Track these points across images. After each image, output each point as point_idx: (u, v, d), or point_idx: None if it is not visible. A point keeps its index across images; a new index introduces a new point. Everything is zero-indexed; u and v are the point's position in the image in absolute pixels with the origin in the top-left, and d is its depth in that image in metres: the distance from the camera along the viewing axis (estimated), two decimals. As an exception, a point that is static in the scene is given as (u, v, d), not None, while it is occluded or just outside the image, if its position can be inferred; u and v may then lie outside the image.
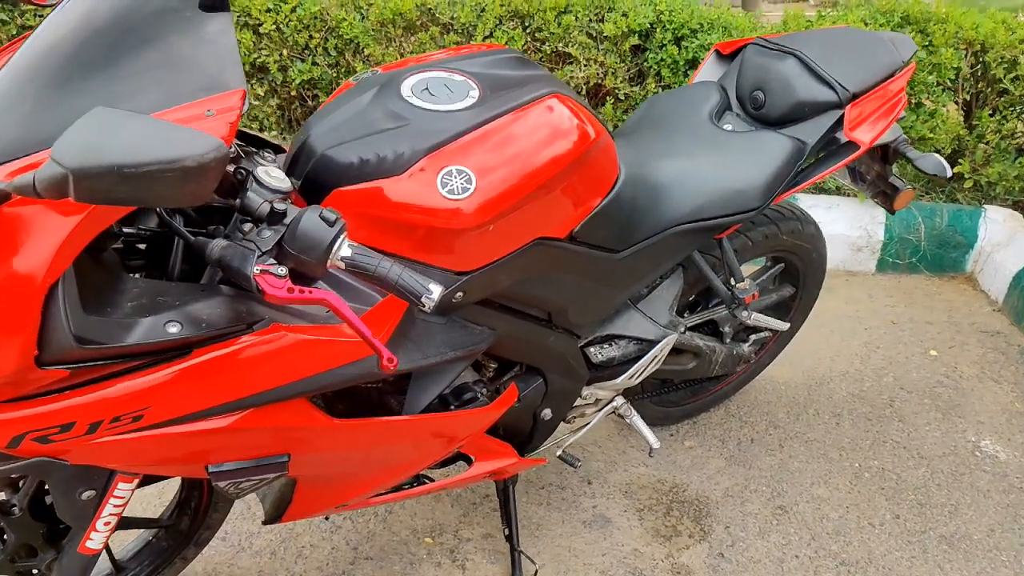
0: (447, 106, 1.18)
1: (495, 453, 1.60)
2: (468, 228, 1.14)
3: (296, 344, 1.01)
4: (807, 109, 1.61)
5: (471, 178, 1.13)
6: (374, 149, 1.12)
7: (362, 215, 1.12)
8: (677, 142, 1.62)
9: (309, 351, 1.02)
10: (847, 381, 2.52)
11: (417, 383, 1.34)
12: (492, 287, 1.30)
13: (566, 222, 1.34)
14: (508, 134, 1.18)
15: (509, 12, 3.05)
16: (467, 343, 1.32)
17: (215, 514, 1.54)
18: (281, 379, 1.02)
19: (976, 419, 2.36)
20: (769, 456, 2.19)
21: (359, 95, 1.22)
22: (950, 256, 3.18)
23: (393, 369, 0.94)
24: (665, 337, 1.73)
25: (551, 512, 1.97)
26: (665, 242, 1.54)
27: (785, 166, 1.58)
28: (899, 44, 1.74)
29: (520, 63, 1.33)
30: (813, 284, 2.15)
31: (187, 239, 0.97)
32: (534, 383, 1.59)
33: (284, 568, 1.77)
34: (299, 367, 1.03)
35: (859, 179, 2.00)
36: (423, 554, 1.83)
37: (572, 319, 1.53)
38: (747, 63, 1.71)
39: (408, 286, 0.93)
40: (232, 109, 0.87)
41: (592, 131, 1.27)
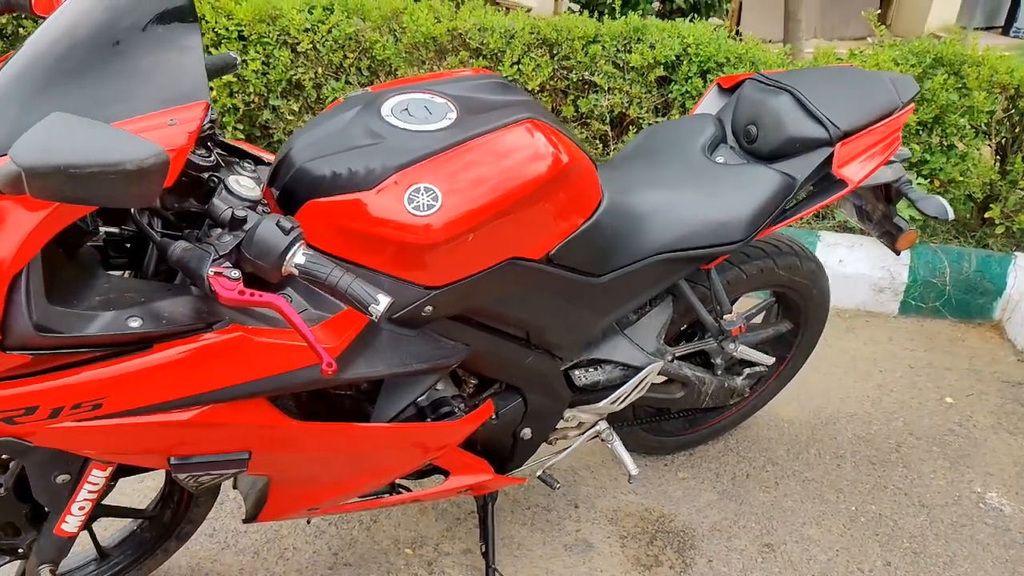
0: (423, 126, 1.23)
1: (470, 468, 1.63)
2: (432, 244, 1.18)
3: (252, 345, 1.05)
4: (798, 145, 1.62)
5: (438, 196, 1.17)
6: (347, 164, 1.17)
7: (334, 227, 1.17)
8: (666, 172, 1.64)
9: (265, 353, 1.07)
10: (854, 423, 2.48)
11: (387, 392, 1.38)
12: (463, 303, 1.33)
13: (541, 244, 1.36)
14: (478, 155, 1.21)
15: (538, 40, 3.11)
16: (437, 357, 1.35)
17: (196, 509, 1.59)
18: (237, 378, 1.07)
19: (985, 470, 2.30)
20: (763, 493, 2.17)
21: (343, 112, 1.27)
22: (977, 302, 3.10)
23: (331, 374, 0.98)
24: (650, 364, 1.73)
25: (534, 533, 1.98)
26: (647, 269, 1.56)
27: (772, 200, 1.58)
28: (900, 85, 1.73)
29: (502, 88, 1.38)
30: (815, 321, 2.13)
31: (153, 239, 1.03)
32: (513, 402, 1.61)
33: (265, 568, 1.82)
34: (255, 368, 1.08)
35: (865, 218, 1.99)
36: (401, 564, 1.86)
37: (550, 340, 1.55)
38: (743, 98, 1.73)
39: (357, 295, 0.97)
40: (193, 120, 0.93)
41: (565, 156, 1.30)
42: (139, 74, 0.93)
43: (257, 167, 1.23)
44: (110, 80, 0.92)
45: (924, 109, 3.07)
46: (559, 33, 3.10)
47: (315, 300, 1.19)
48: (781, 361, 2.24)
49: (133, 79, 0.93)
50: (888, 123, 1.65)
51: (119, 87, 0.92)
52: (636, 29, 3.13)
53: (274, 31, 3.11)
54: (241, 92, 3.24)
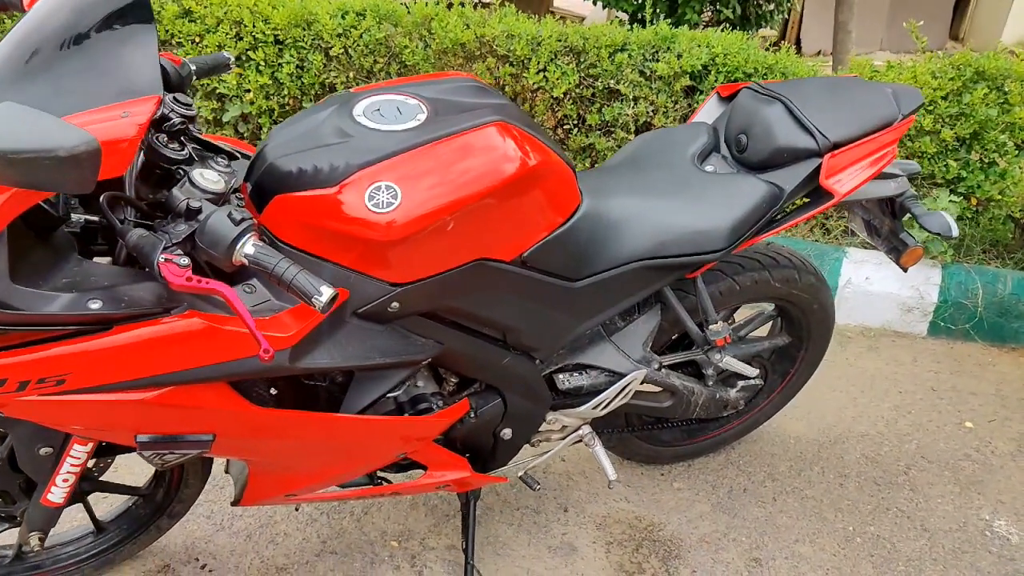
0: (390, 126, 1.27)
1: (448, 465, 1.66)
2: (392, 241, 1.21)
3: (207, 330, 1.10)
4: (786, 155, 1.60)
5: (397, 194, 1.20)
6: (314, 161, 1.22)
7: (299, 222, 1.22)
8: (651, 179, 1.64)
9: (220, 339, 1.12)
10: (864, 443, 2.42)
11: (356, 385, 1.42)
12: (432, 302, 1.36)
13: (513, 246, 1.39)
14: (442, 156, 1.24)
15: (564, 47, 3.13)
16: (406, 352, 1.38)
17: (186, 490, 1.66)
18: (194, 362, 1.12)
19: (997, 498, 2.22)
20: (759, 507, 2.14)
21: (319, 111, 1.32)
22: (1011, 326, 2.99)
23: (268, 360, 1.02)
24: (634, 371, 1.74)
25: (520, 533, 1.99)
26: (626, 276, 1.56)
27: (756, 210, 1.57)
28: (902, 97, 1.70)
29: (479, 92, 1.41)
30: (818, 336, 2.10)
31: (113, 225, 1.09)
32: (492, 402, 1.63)
33: (255, 551, 1.88)
34: (211, 353, 1.12)
35: (874, 233, 1.96)
36: (385, 556, 1.90)
37: (527, 343, 1.57)
38: (737, 106, 1.72)
39: (300, 287, 1.02)
40: (144, 113, 1.00)
41: (534, 159, 1.32)
42: (98, 70, 1.00)
43: (232, 163, 1.29)
44: (71, 75, 0.99)
45: (962, 124, 2.98)
46: (586, 41, 3.11)
47: (279, 291, 1.24)
48: (784, 376, 2.21)
49: (92, 74, 1.00)
50: (882, 135, 1.62)
51: (79, 81, 0.99)
52: (664, 38, 3.12)
53: (308, 36, 3.21)
54: (276, 95, 3.35)
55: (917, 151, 3.03)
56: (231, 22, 3.22)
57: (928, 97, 2.99)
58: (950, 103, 2.99)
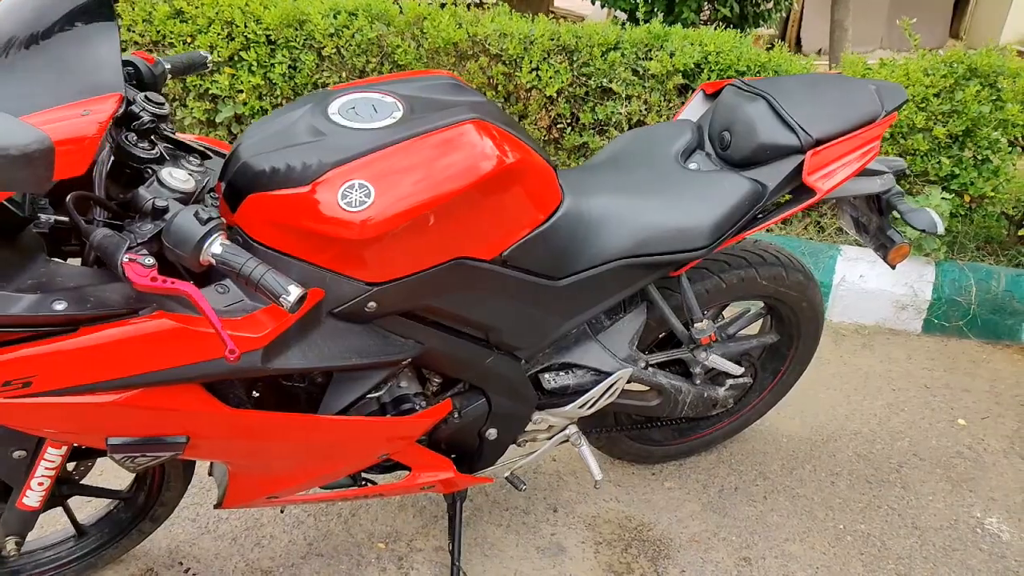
0: (365, 124, 1.26)
1: (432, 465, 1.65)
2: (365, 240, 1.20)
3: (175, 331, 1.09)
4: (768, 152, 1.59)
5: (370, 192, 1.20)
6: (287, 160, 1.21)
7: (272, 222, 1.21)
8: (634, 177, 1.63)
9: (189, 340, 1.11)
10: (857, 441, 2.41)
11: (335, 386, 1.41)
12: (411, 301, 1.35)
13: (492, 245, 1.38)
14: (416, 154, 1.24)
15: (557, 46, 3.12)
16: (385, 353, 1.37)
17: (168, 493, 1.65)
18: (163, 363, 1.11)
19: (989, 495, 2.21)
20: (749, 506, 2.13)
21: (294, 110, 1.32)
22: (1005, 323, 2.97)
23: (234, 361, 1.01)
24: (620, 370, 1.73)
25: (508, 534, 1.99)
26: (609, 274, 1.55)
27: (738, 208, 1.56)
28: (885, 93, 1.69)
29: (456, 89, 1.40)
30: (808, 335, 2.09)
31: (78, 225, 1.08)
32: (476, 402, 1.63)
33: (240, 554, 1.87)
34: (180, 354, 1.11)
35: (862, 230, 1.95)
36: (372, 558, 1.89)
37: (510, 342, 1.56)
38: (720, 103, 1.71)
39: (268, 286, 1.01)
40: (105, 111, 0.99)
41: (511, 157, 1.31)
42: (59, 68, 1.00)
43: (205, 162, 1.28)
44: (32, 74, 0.99)
45: (955, 122, 2.97)
46: (579, 40, 3.10)
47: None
48: (775, 374, 2.20)
49: (53, 73, 0.99)
50: (865, 132, 1.61)
51: (40, 80, 0.98)
52: (657, 36, 3.12)
53: (301, 36, 3.20)
54: (269, 95, 3.35)
55: (910, 148, 3.02)
56: (223, 22, 3.21)
57: (920, 95, 2.97)
58: (942, 100, 2.97)
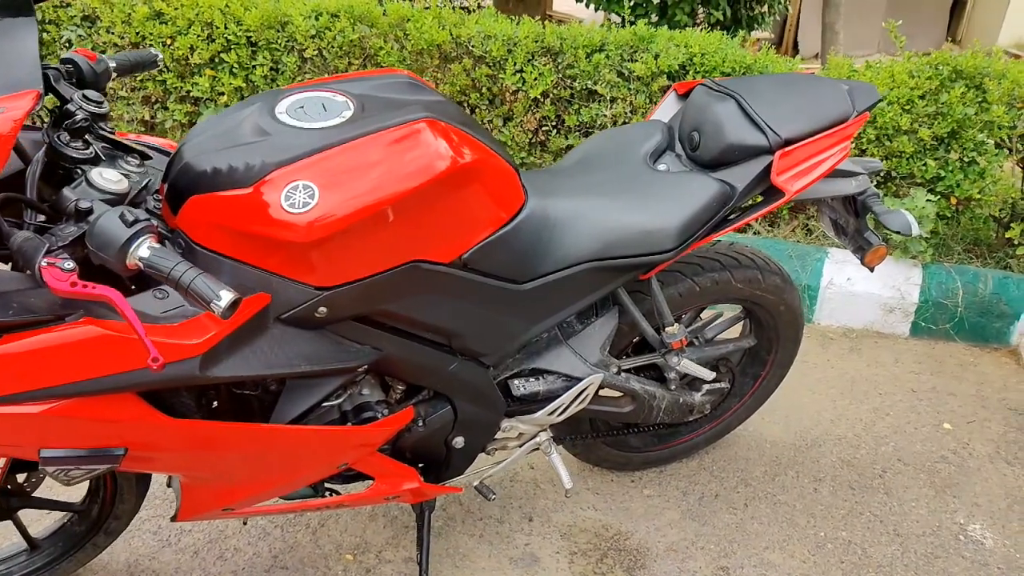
0: (312, 124, 1.23)
1: (395, 475, 1.61)
2: (309, 242, 1.16)
3: (102, 339, 1.04)
4: (737, 152, 1.56)
5: (315, 193, 1.16)
6: (229, 160, 1.17)
7: (214, 224, 1.17)
8: (601, 179, 1.60)
9: (117, 347, 1.05)
10: (841, 446, 2.37)
11: (288, 393, 1.37)
12: (363, 306, 1.31)
13: (450, 248, 1.34)
14: (363, 153, 1.20)
15: (541, 48, 3.09)
16: (338, 359, 1.33)
17: (122, 505, 1.60)
18: (91, 372, 1.06)
19: (973, 501, 2.16)
20: (729, 514, 2.09)
21: (242, 109, 1.28)
22: (992, 326, 2.93)
23: (157, 369, 0.97)
24: (591, 376, 1.69)
25: (481, 544, 1.95)
26: (575, 278, 1.52)
27: (706, 209, 1.53)
28: (858, 93, 1.65)
29: (412, 88, 1.36)
30: (787, 339, 2.05)
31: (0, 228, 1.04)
32: (441, 409, 1.59)
33: (201, 568, 1.83)
34: (108, 362, 1.06)
35: (840, 232, 1.91)
36: (339, 570, 1.85)
37: (473, 348, 1.52)
38: (690, 104, 1.68)
39: (199, 292, 0.97)
40: (21, 108, 0.95)
41: (465, 158, 1.27)
42: None
43: (146, 162, 1.25)
44: None
45: (940, 123, 2.93)
46: (563, 41, 3.07)
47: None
48: (755, 379, 2.16)
49: None
50: (836, 132, 1.58)
51: None
52: (642, 38, 3.09)
53: (282, 37, 3.18)
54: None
55: (895, 151, 2.98)
56: (203, 23, 3.18)
57: (905, 96, 2.94)
58: (928, 102, 2.94)
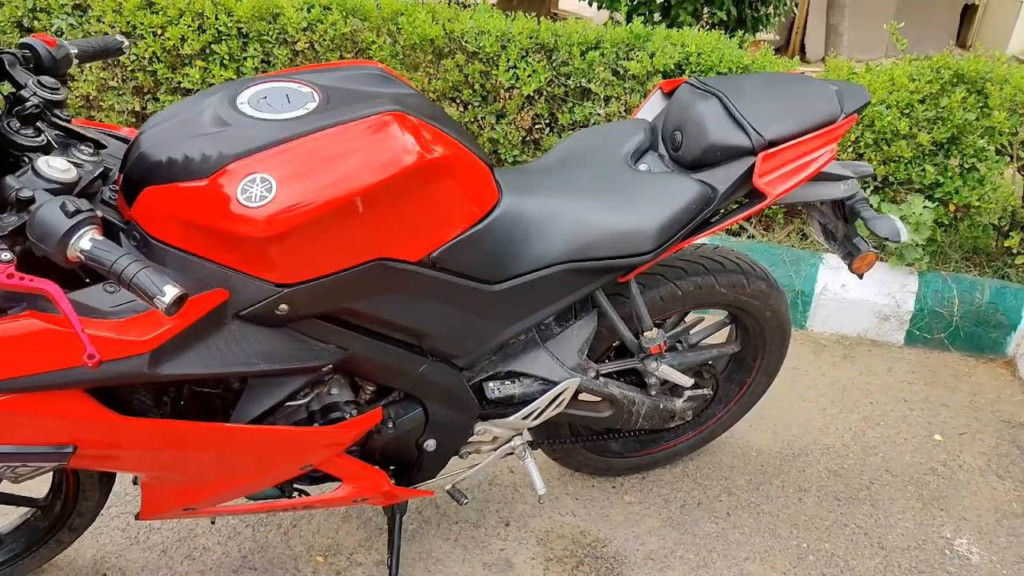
0: (273, 115, 1.19)
1: (363, 478, 1.57)
2: (265, 238, 1.13)
3: (44, 333, 1.01)
4: (719, 153, 1.51)
5: (272, 187, 1.12)
6: (186, 151, 1.13)
7: (169, 217, 1.14)
8: (580, 178, 1.56)
9: (59, 342, 1.02)
10: (829, 456, 2.32)
11: (250, 392, 1.33)
12: (327, 304, 1.27)
13: (418, 246, 1.30)
14: (325, 147, 1.16)
15: (535, 44, 3.05)
16: (300, 358, 1.30)
17: (85, 502, 1.57)
18: (33, 367, 1.02)
19: (961, 514, 2.12)
20: (711, 523, 2.04)
21: (205, 98, 1.24)
22: (989, 336, 2.88)
23: (92, 366, 0.93)
24: (567, 380, 1.65)
25: (455, 549, 1.91)
26: (550, 279, 1.48)
27: (685, 211, 1.48)
28: (847, 95, 1.61)
29: (381, 81, 1.33)
30: (774, 345, 2.00)
31: None
32: (411, 411, 1.55)
33: (168, 567, 1.79)
34: (51, 357, 1.03)
35: (829, 237, 1.87)
36: (309, 571, 1.81)
37: (444, 349, 1.49)
38: (674, 102, 1.63)
39: (142, 286, 0.93)
40: None
41: (433, 153, 1.23)
42: None
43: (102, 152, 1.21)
44: None
45: (939, 129, 2.88)
46: (558, 38, 3.03)
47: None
48: (741, 386, 2.12)
49: None
50: (822, 134, 1.53)
51: None
52: (638, 36, 3.04)
53: (274, 29, 3.14)
54: (241, 90, 3.28)
55: (893, 155, 2.93)
56: (193, 14, 3.15)
57: (905, 100, 2.89)
58: (927, 106, 2.89)
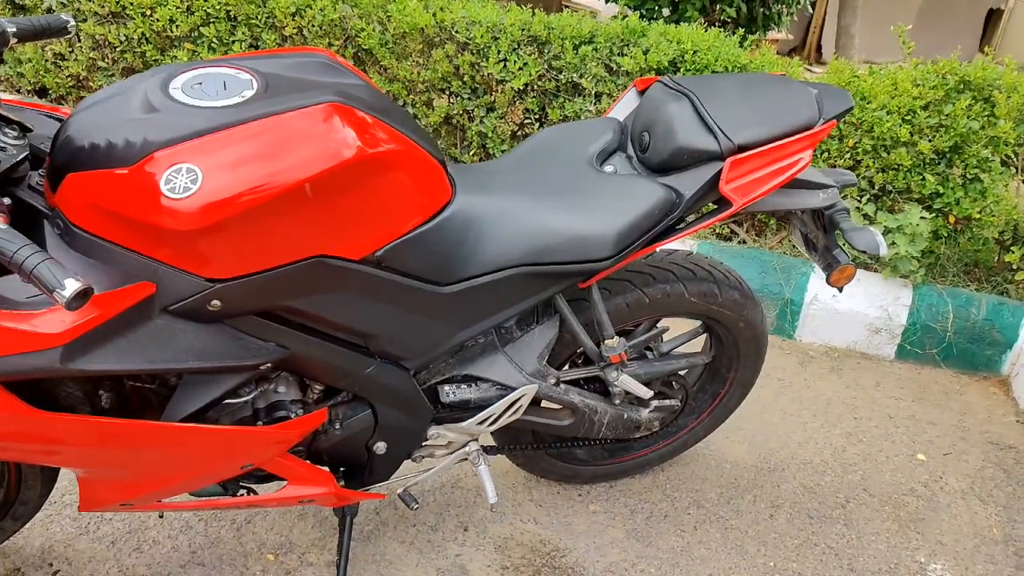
0: (205, 102, 1.13)
1: (308, 479, 1.52)
2: (188, 231, 1.08)
3: None
4: (686, 157, 1.44)
5: (197, 178, 1.07)
6: (110, 136, 1.08)
7: (92, 205, 1.09)
8: (540, 178, 1.49)
9: None
10: (805, 472, 2.26)
11: (183, 389, 1.29)
12: (263, 301, 1.22)
13: (360, 243, 1.25)
14: (255, 137, 1.11)
15: (527, 37, 2.98)
16: (235, 356, 1.25)
17: (28, 491, 1.53)
18: None
19: (938, 538, 2.05)
20: (677, 536, 1.99)
21: (139, 82, 1.19)
22: (983, 353, 2.80)
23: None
24: (525, 386, 1.59)
25: (410, 552, 1.86)
26: (504, 283, 1.42)
27: (647, 217, 1.42)
28: (828, 99, 1.54)
29: (327, 70, 1.27)
30: (748, 356, 1.94)
31: None
32: (360, 413, 1.50)
33: (115, 559, 1.76)
34: None
35: (811, 248, 1.80)
36: (257, 570, 1.77)
37: (391, 351, 1.43)
38: (645, 101, 1.57)
39: (42, 279, 0.89)
40: None
41: (374, 148, 1.17)
42: None
43: (28, 135, 1.16)
44: None
45: (942, 136, 2.80)
46: (551, 31, 2.96)
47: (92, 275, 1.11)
48: (715, 397, 2.06)
49: None
50: (797, 140, 1.46)
51: None
52: (633, 31, 2.97)
53: (262, 13, 3.09)
54: (230, 73, 3.23)
55: (892, 163, 2.85)
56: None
57: (907, 106, 2.80)
58: (930, 113, 2.80)
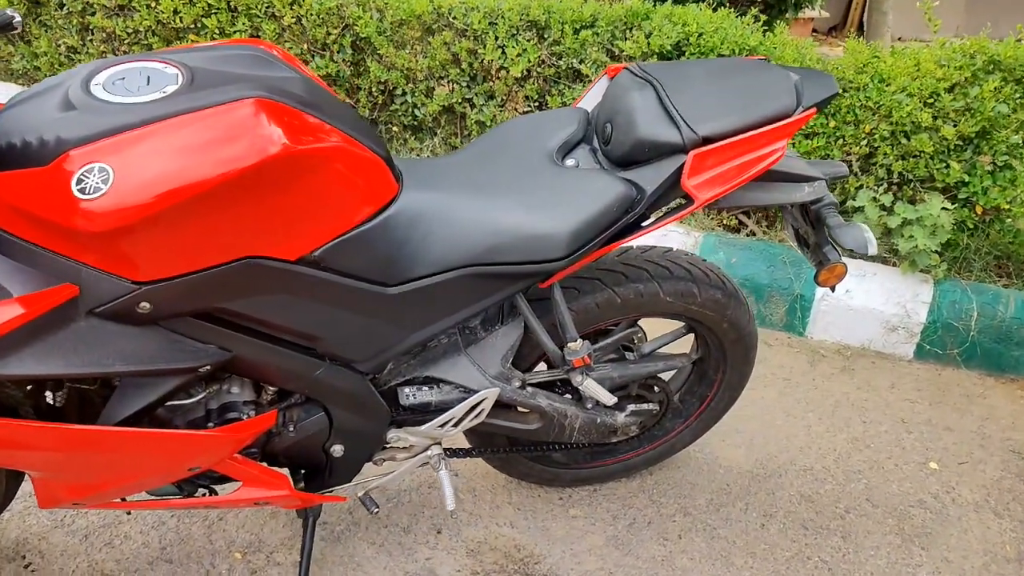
0: (125, 98, 1.09)
1: (263, 481, 1.48)
2: (101, 232, 1.03)
3: None
4: (647, 149, 1.35)
5: (109, 178, 1.02)
6: (25, 135, 1.05)
7: (9, 205, 1.06)
8: (495, 172, 1.42)
9: None
10: (804, 479, 2.15)
11: (120, 392, 1.26)
12: (196, 303, 1.18)
13: (294, 244, 1.20)
14: (172, 135, 1.05)
15: (526, 22, 2.89)
16: (171, 359, 1.21)
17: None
18: None
19: (944, 555, 1.93)
20: (659, 545, 1.90)
21: (66, 78, 1.15)
22: (1010, 355, 2.64)
23: None
24: (487, 388, 1.53)
25: (380, 554, 1.81)
26: (455, 283, 1.35)
27: (605, 214, 1.33)
28: (808, 86, 1.42)
29: (258, 62, 1.21)
30: (736, 358, 1.83)
31: None
32: (313, 415, 1.46)
33: (86, 553, 1.75)
34: None
35: (802, 243, 1.69)
36: (224, 568, 1.74)
37: (339, 353, 1.38)
38: (610, 89, 1.48)
39: None
40: None
41: (302, 144, 1.11)
42: None
43: None
44: None
45: (967, 121, 2.63)
46: (550, 16, 2.86)
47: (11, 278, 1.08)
48: (702, 400, 1.96)
49: None
50: (770, 131, 1.35)
51: None
52: (636, 14, 2.85)
53: (262, 3, 3.05)
54: (233, 63, 3.21)
55: (912, 150, 2.69)
56: (186, -14, 3.08)
57: (929, 88, 2.64)
58: (955, 96, 2.64)
